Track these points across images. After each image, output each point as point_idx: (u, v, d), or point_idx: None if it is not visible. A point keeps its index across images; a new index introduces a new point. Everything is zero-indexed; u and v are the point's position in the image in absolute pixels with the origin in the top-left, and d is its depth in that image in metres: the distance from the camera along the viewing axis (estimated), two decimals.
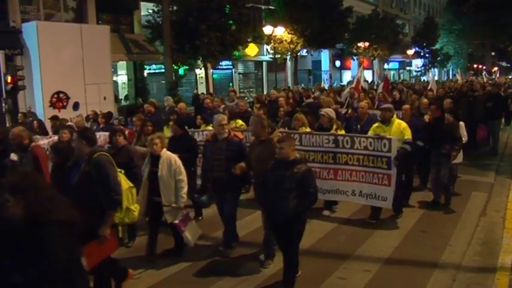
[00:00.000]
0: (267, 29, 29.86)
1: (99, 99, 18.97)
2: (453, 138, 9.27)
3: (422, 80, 44.20)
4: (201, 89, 29.41)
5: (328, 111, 9.38)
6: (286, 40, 31.17)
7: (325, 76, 43.68)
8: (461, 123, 10.00)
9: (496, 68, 65.31)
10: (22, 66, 16.57)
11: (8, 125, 14.65)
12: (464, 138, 9.83)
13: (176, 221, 6.85)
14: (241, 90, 30.35)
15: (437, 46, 57.84)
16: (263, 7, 33.34)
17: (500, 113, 16.01)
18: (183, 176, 6.92)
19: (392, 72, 58.63)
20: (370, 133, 8.78)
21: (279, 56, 32.36)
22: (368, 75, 48.12)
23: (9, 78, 14.72)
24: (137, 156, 7.77)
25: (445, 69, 65.93)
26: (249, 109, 14.15)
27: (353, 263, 7.02)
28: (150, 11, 24.77)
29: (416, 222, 8.71)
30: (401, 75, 60.22)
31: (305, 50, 34.46)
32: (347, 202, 9.12)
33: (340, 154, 8.69)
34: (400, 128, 8.67)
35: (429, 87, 19.97)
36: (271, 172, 6.02)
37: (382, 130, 8.65)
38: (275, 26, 29.76)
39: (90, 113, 14.21)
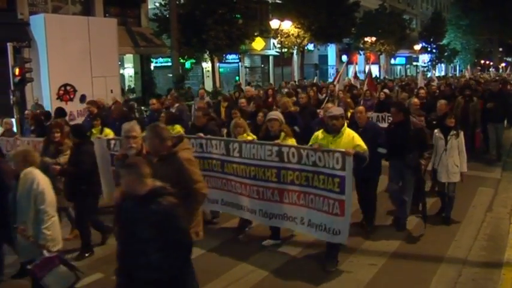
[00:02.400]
0: (274, 23, 29.77)
1: (106, 92, 18.97)
2: (421, 146, 7.99)
3: (428, 75, 44.03)
4: (208, 82, 29.42)
5: (279, 115, 7.72)
6: (293, 34, 31.06)
7: (331, 71, 43.57)
8: (436, 132, 8.51)
9: (503, 64, 64.98)
10: (30, 59, 16.58)
11: (15, 117, 14.73)
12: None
13: (29, 266, 5.15)
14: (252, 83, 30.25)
15: (444, 41, 57.53)
16: (270, 1, 33.23)
17: (503, 115, 13.93)
18: (47, 206, 5.28)
19: (399, 67, 58.44)
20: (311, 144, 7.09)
21: (286, 50, 32.27)
22: (375, 70, 48.12)
23: (17, 71, 14.73)
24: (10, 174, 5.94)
25: (452, 64, 65.60)
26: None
27: (359, 257, 7.05)
28: (157, 4, 24.74)
29: (422, 217, 8.71)
30: (408, 70, 59.97)
31: (312, 45, 34.36)
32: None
33: (284, 170, 6.89)
34: (351, 139, 6.79)
35: (419, 85, 17.95)
36: (125, 213, 4.26)
37: (327, 142, 6.83)
38: (282, 20, 29.66)
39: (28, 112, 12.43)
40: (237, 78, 32.36)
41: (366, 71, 19.34)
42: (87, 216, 7.49)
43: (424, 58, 58.46)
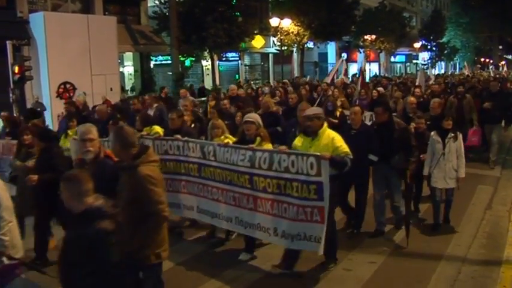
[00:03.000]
0: (274, 21, 29.73)
1: (106, 90, 18.98)
2: (406, 148, 7.52)
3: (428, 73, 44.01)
4: (207, 80, 29.42)
5: (257, 117, 7.13)
6: (292, 32, 31.05)
7: (331, 68, 43.50)
8: (432, 134, 7.99)
9: (503, 62, 64.99)
10: (29, 57, 16.58)
11: (15, 115, 14.72)
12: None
13: None
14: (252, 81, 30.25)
15: (444, 39, 57.51)
16: None
17: (501, 116, 12.99)
18: (2, 211, 4.61)
19: (398, 65, 58.41)
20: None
21: (286, 48, 32.26)
22: (374, 67, 48.10)
23: (16, 69, 14.73)
24: None
25: (451, 62, 65.60)
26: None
27: (358, 255, 7.06)
28: (157, 2, 24.75)
29: (421, 215, 8.73)
30: (408, 68, 59.96)
31: (311, 42, 34.35)
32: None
33: (257, 177, 6.41)
34: (331, 141, 6.23)
35: (417, 83, 16.82)
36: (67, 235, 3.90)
37: (305, 146, 6.37)
38: (282, 18, 29.63)
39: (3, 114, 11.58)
40: (236, 76, 32.36)
41: (355, 69, 18.64)
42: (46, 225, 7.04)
43: (424, 56, 58.43)
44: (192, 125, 9.15)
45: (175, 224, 7.44)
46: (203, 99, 19.36)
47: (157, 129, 8.48)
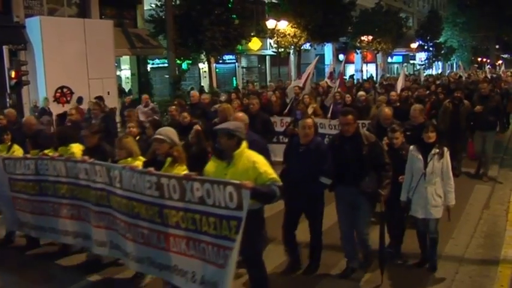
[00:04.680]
0: (270, 23, 29.74)
1: (103, 94, 18.98)
2: (378, 167, 6.07)
3: (425, 74, 44.02)
4: (205, 83, 29.43)
5: (170, 133, 5.74)
6: (289, 34, 31.06)
7: (328, 70, 43.55)
8: (411, 149, 6.39)
9: (500, 61, 65.04)
10: (26, 61, 16.61)
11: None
12: None
13: None
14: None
15: (441, 39, 57.59)
16: (266, 1, 33.24)
17: (495, 121, 11.54)
18: None
19: (396, 65, 58.46)
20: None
21: (282, 50, 32.29)
22: (372, 68, 48.16)
23: (13, 73, 14.77)
24: None
25: (449, 62, 65.67)
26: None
27: None
28: (153, 5, 24.74)
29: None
30: (405, 68, 59.94)
31: (308, 44, 34.38)
32: None
33: (167, 209, 5.17)
34: (252, 166, 4.96)
35: (398, 85, 14.88)
36: None
37: (219, 173, 5.07)
38: (278, 20, 29.65)
39: None
40: (233, 79, 32.39)
41: (336, 70, 16.12)
42: None
43: (421, 56, 58.48)
44: (138, 138, 7.66)
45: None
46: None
47: (75, 148, 7.12)
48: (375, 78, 38.29)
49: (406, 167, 6.36)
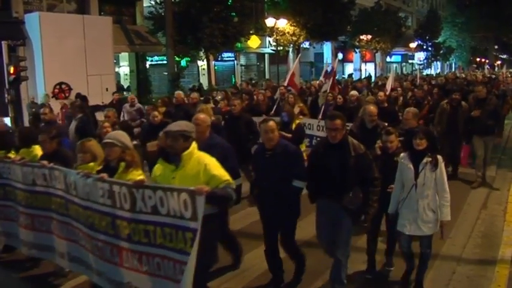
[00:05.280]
0: (270, 21, 29.74)
1: (102, 91, 18.99)
2: (364, 180, 5.38)
3: (424, 73, 44.11)
4: (203, 80, 29.41)
5: (120, 136, 5.33)
6: (288, 32, 31.10)
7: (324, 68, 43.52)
8: (401, 157, 5.71)
9: (499, 62, 65.15)
10: (25, 57, 16.56)
11: (10, 115, 14.70)
12: None
13: None
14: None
15: (440, 39, 57.65)
16: None
17: (494, 125, 10.57)
18: None
19: (394, 65, 58.52)
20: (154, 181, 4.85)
21: (281, 48, 32.30)
22: (370, 68, 48.17)
23: (11, 69, 14.74)
24: None
25: (447, 62, 65.76)
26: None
27: (353, 254, 6.91)
28: (153, 2, 24.77)
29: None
30: (404, 68, 60.05)
31: (307, 43, 34.38)
32: None
33: (119, 220, 4.75)
34: (203, 169, 4.60)
35: (387, 85, 14.73)
36: None
37: (167, 177, 4.70)
38: (277, 18, 29.64)
39: None
40: (232, 76, 32.37)
41: (329, 69, 15.17)
42: None
43: (420, 56, 58.54)
44: None
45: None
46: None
47: (38, 150, 6.58)
48: (373, 78, 38.25)
49: (396, 177, 5.71)
